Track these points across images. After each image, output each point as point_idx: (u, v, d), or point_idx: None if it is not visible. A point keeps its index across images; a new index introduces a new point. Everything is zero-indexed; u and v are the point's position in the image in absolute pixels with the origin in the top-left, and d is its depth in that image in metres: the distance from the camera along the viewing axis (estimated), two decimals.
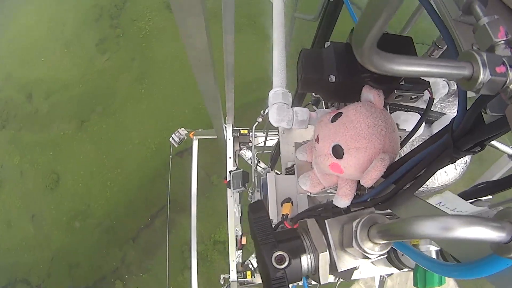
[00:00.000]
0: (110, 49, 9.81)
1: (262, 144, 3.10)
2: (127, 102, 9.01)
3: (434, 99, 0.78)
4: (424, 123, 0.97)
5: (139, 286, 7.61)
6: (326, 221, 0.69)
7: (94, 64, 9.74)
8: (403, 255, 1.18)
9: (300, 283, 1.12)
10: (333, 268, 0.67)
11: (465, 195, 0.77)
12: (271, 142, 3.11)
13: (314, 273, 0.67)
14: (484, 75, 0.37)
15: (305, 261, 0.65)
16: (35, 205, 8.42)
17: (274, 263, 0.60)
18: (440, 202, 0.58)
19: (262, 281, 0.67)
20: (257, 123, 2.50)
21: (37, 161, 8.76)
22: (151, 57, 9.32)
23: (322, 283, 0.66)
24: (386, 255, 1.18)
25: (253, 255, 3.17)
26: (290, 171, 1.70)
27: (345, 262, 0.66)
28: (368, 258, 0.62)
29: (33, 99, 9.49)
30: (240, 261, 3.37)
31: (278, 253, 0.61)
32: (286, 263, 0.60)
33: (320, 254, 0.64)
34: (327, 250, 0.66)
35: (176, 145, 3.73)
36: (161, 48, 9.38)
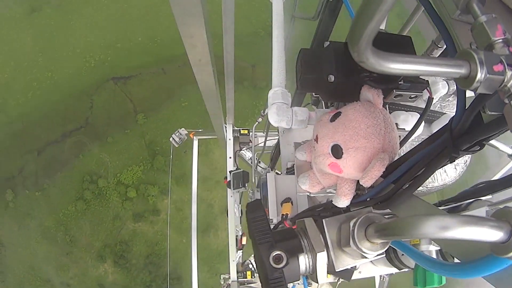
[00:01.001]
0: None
1: (262, 144, 3.10)
2: (85, 7, 8.27)
3: (433, 98, 0.78)
4: (423, 122, 0.97)
5: (29, 204, 7.19)
6: (323, 220, 0.69)
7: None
8: (403, 255, 1.18)
9: (300, 283, 1.11)
10: (331, 268, 0.66)
11: (465, 195, 0.77)
12: (271, 142, 3.11)
13: (312, 272, 0.67)
14: (481, 74, 0.37)
15: (303, 260, 0.65)
16: None
17: (271, 263, 0.60)
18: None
19: (260, 280, 0.67)
20: (257, 123, 2.49)
21: None
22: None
23: (319, 282, 0.66)
24: (385, 255, 1.17)
25: (253, 255, 3.15)
26: (290, 171, 1.70)
27: (343, 261, 0.66)
28: (366, 257, 0.62)
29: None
30: (240, 261, 3.37)
31: (276, 253, 0.60)
32: (284, 263, 0.60)
33: (318, 254, 0.64)
34: (325, 250, 0.65)
35: (177, 145, 3.73)
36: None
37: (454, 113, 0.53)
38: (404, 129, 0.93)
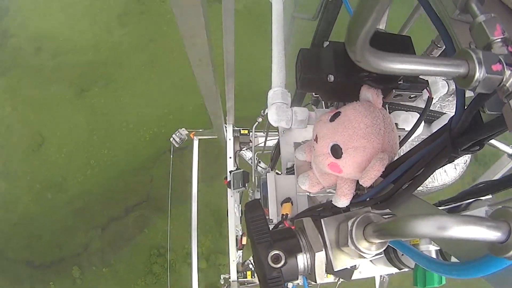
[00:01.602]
0: (130, 23, 9.44)
1: (262, 144, 3.10)
2: (133, 82, 8.66)
3: (433, 98, 0.78)
4: (423, 122, 0.97)
5: (97, 279, 7.23)
6: (322, 220, 0.69)
7: (111, 35, 9.33)
8: (403, 254, 1.18)
9: (301, 283, 1.12)
10: (329, 268, 0.66)
11: (465, 195, 0.77)
12: (271, 142, 3.11)
13: (310, 272, 0.67)
14: (479, 73, 0.37)
15: (301, 260, 0.65)
16: (13, 163, 8.05)
17: (270, 262, 0.60)
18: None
19: (258, 280, 0.67)
20: (257, 123, 2.50)
21: (27, 118, 8.35)
22: (169, 44, 8.86)
23: (318, 282, 0.66)
24: (383, 255, 1.17)
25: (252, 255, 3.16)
26: (290, 171, 1.70)
27: (341, 261, 0.66)
28: (364, 257, 0.62)
29: (41, 53, 9.06)
30: (240, 261, 3.37)
31: (274, 252, 0.60)
32: (282, 262, 0.60)
33: (316, 253, 0.64)
34: (323, 249, 0.65)
35: (177, 145, 3.73)
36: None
37: (453, 113, 0.53)
38: (404, 129, 0.93)
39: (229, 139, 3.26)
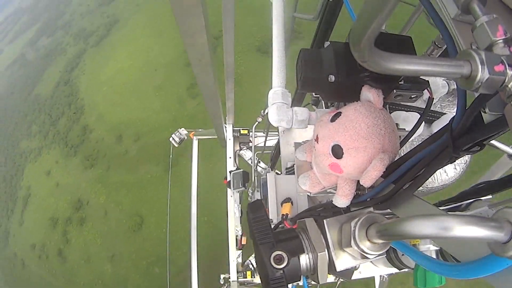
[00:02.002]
0: (200, 93, 9.84)
1: (262, 144, 3.10)
2: (218, 148, 8.89)
3: (433, 98, 0.78)
4: (423, 122, 0.97)
5: None
6: (324, 221, 0.69)
7: (185, 108, 9.64)
8: (403, 255, 1.18)
9: (300, 283, 1.11)
10: (331, 268, 0.66)
11: (465, 195, 0.77)
12: (271, 142, 3.11)
13: (313, 273, 0.67)
14: (482, 74, 0.37)
15: (304, 261, 0.65)
16: (116, 245, 8.27)
17: (272, 263, 0.60)
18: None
19: (261, 281, 0.67)
20: (257, 123, 2.50)
21: (122, 202, 8.71)
22: (242, 102, 9.23)
23: (321, 282, 0.66)
24: (386, 255, 1.17)
25: (254, 255, 3.17)
26: (290, 171, 1.70)
27: (344, 262, 0.66)
28: (367, 258, 0.62)
29: (122, 140, 9.58)
30: (240, 261, 3.37)
31: (277, 253, 0.60)
32: (285, 263, 0.60)
33: (319, 254, 0.64)
34: (326, 250, 0.65)
35: (177, 145, 3.72)
36: (253, 92, 9.05)
37: (454, 113, 0.53)
38: (405, 129, 0.93)
39: (229, 139, 3.25)
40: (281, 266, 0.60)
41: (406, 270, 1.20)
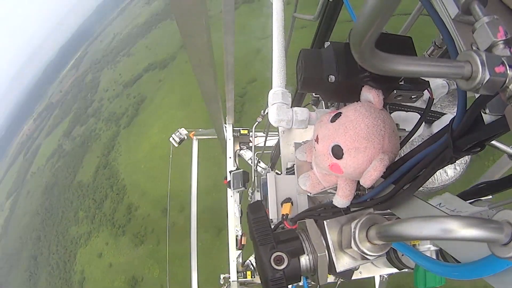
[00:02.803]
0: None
1: (262, 144, 3.10)
2: None
3: (434, 99, 0.78)
4: (424, 123, 0.97)
5: None
6: (324, 222, 0.69)
7: (224, 172, 9.73)
8: (403, 255, 1.18)
9: (301, 284, 1.11)
10: (332, 269, 0.66)
11: (465, 195, 0.77)
12: (271, 142, 3.11)
13: (313, 273, 0.67)
14: (483, 75, 0.37)
15: (304, 262, 0.65)
16: None
17: (272, 264, 0.60)
18: (440, 203, 0.58)
19: (261, 281, 0.67)
20: (257, 123, 2.49)
21: (177, 273, 8.56)
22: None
23: (321, 283, 0.66)
24: (386, 255, 1.17)
25: (254, 255, 3.17)
26: (290, 171, 1.70)
27: (344, 263, 0.66)
28: (367, 259, 0.62)
29: (168, 213, 9.54)
30: (240, 261, 3.37)
31: (277, 254, 0.60)
32: (285, 264, 0.60)
33: (319, 255, 0.64)
34: (326, 251, 0.65)
35: (176, 145, 3.72)
36: None
37: (454, 114, 0.53)
38: (405, 129, 0.93)
39: (229, 139, 3.25)
40: (281, 267, 0.60)
41: (406, 270, 1.20)
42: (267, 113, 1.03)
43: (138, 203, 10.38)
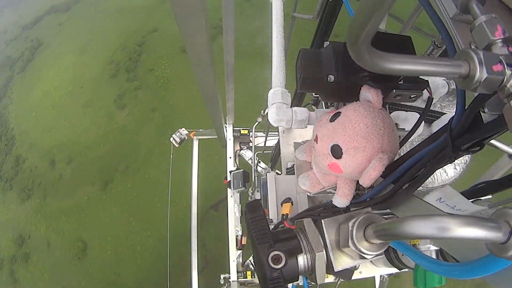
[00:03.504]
0: (129, 103, 9.48)
1: (262, 144, 3.10)
2: (151, 155, 8.53)
3: (433, 98, 0.78)
4: (423, 122, 0.97)
5: None
6: (322, 221, 0.69)
7: (115, 121, 9.40)
8: (403, 255, 1.18)
9: (301, 283, 1.11)
10: (329, 268, 0.66)
11: (465, 195, 0.77)
12: (271, 142, 3.11)
13: (311, 273, 0.67)
14: (480, 74, 0.37)
15: (302, 261, 0.65)
16: (64, 277, 7.89)
17: (270, 263, 0.60)
18: (441, 198, 0.57)
19: (259, 281, 0.67)
20: (257, 123, 2.50)
21: (64, 230, 8.37)
22: (173, 104, 8.90)
23: (319, 283, 0.66)
24: (384, 255, 1.17)
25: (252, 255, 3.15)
26: (290, 171, 1.70)
27: (342, 262, 0.66)
28: (365, 258, 0.62)
29: (56, 165, 9.25)
30: (240, 261, 3.37)
31: (275, 253, 0.60)
32: (283, 263, 0.60)
33: (317, 254, 0.64)
34: (324, 250, 0.65)
35: (177, 145, 3.72)
36: (182, 93, 8.92)
37: (453, 113, 0.53)
38: (404, 129, 0.93)
39: (229, 139, 3.26)
40: (279, 266, 0.60)
41: (406, 270, 1.20)
42: (267, 113, 1.03)
43: (27, 155, 9.93)
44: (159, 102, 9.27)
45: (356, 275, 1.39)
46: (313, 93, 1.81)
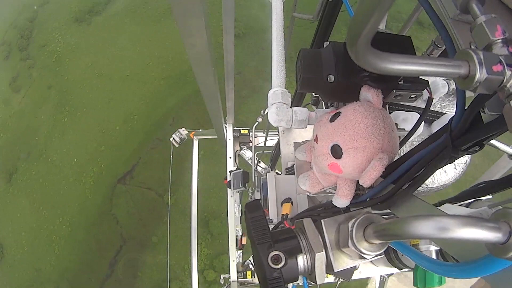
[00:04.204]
0: (24, 84, 8.89)
1: (262, 144, 3.10)
2: (52, 137, 8.10)
3: (433, 98, 0.78)
4: (423, 122, 0.96)
5: None
6: (322, 221, 0.69)
7: (12, 107, 8.83)
8: (403, 255, 1.18)
9: (301, 283, 1.11)
10: (329, 268, 0.66)
11: (465, 195, 0.77)
12: (271, 142, 3.11)
13: (310, 273, 0.67)
14: (480, 74, 0.37)
15: (302, 261, 0.65)
16: None
17: (270, 263, 0.60)
18: None
19: (258, 281, 0.67)
20: (257, 123, 2.50)
21: None
22: (69, 79, 8.40)
23: (318, 283, 0.66)
24: (383, 255, 1.17)
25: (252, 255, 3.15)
26: (290, 171, 1.70)
27: (342, 262, 0.66)
28: (364, 258, 0.62)
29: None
30: (240, 261, 3.37)
31: (274, 253, 0.60)
32: (282, 263, 0.60)
33: (316, 254, 0.64)
34: (323, 250, 0.65)
35: (177, 145, 3.72)
36: (77, 66, 8.45)
37: (454, 113, 0.53)
38: (404, 129, 0.93)
39: (229, 139, 3.25)
40: (279, 266, 0.60)
41: (406, 270, 1.20)
42: (267, 113, 1.03)
43: None
44: (54, 79, 8.70)
45: (356, 275, 1.39)
46: (313, 93, 1.81)
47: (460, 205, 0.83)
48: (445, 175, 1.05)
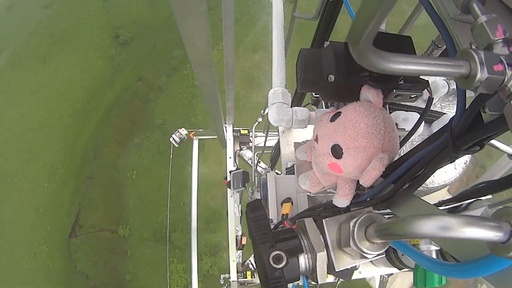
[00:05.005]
0: None
1: (262, 144, 3.10)
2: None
3: (433, 98, 0.78)
4: (423, 122, 0.97)
5: None
6: (323, 220, 0.69)
7: None
8: (403, 255, 1.18)
9: (301, 283, 1.11)
10: (331, 268, 0.66)
11: (465, 195, 0.77)
12: (271, 142, 3.11)
13: (312, 272, 0.67)
14: (481, 74, 0.37)
15: (303, 260, 0.65)
16: None
17: (271, 263, 0.60)
18: None
19: (260, 280, 0.67)
20: (257, 123, 2.50)
21: None
22: None
23: (319, 282, 0.66)
24: (386, 255, 1.17)
25: (253, 255, 3.15)
26: (290, 171, 1.70)
27: (343, 261, 0.66)
28: (366, 257, 0.62)
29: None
30: (240, 261, 3.37)
31: (276, 253, 0.60)
32: (284, 263, 0.60)
33: (318, 254, 0.64)
34: (325, 250, 0.65)
35: (177, 146, 3.71)
36: None
37: (454, 113, 0.53)
38: (404, 129, 0.93)
39: (229, 139, 3.25)
40: (280, 266, 0.60)
41: (406, 270, 1.20)
42: (267, 113, 1.03)
43: None
44: None
45: (356, 275, 1.39)
46: (313, 93, 1.81)
47: (460, 205, 0.83)
48: (445, 175, 1.05)
